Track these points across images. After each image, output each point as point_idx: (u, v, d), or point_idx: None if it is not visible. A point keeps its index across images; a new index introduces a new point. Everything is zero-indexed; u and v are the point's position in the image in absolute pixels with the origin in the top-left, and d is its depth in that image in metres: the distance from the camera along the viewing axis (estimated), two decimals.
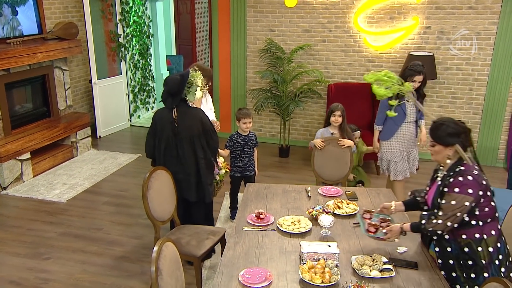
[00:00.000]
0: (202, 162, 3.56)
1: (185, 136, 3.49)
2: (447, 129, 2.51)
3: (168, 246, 2.50)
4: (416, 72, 4.09)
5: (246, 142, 4.29)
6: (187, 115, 3.49)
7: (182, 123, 3.48)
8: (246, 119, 4.22)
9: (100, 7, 6.75)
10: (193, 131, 3.49)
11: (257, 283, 2.42)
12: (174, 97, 3.45)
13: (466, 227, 2.47)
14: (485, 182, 2.46)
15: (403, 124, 4.27)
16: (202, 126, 3.50)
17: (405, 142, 4.35)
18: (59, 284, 3.59)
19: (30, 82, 5.70)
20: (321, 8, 6.16)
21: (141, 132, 7.52)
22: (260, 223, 3.07)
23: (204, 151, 3.55)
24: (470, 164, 2.49)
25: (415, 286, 2.40)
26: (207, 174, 3.61)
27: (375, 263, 2.52)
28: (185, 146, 3.51)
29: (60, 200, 4.98)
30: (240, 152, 4.28)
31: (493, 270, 2.46)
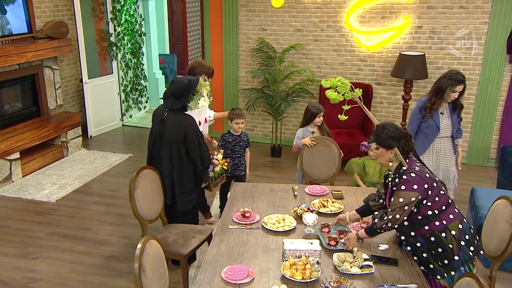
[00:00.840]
0: (176, 169, 3.50)
1: (167, 138, 3.47)
2: (388, 133, 2.68)
3: (152, 244, 2.49)
4: (457, 81, 3.72)
5: (237, 142, 4.28)
6: (174, 120, 3.45)
7: (168, 125, 3.46)
8: (239, 119, 4.21)
9: (91, 6, 6.72)
10: (174, 137, 3.44)
11: (239, 279, 2.42)
12: (176, 99, 3.43)
13: (426, 220, 2.61)
14: (428, 175, 2.63)
15: (436, 139, 3.90)
16: (184, 135, 3.42)
17: (440, 160, 3.95)
18: (46, 283, 3.58)
19: (19, 82, 5.67)
20: (313, 7, 6.16)
21: (133, 132, 7.51)
22: (245, 221, 3.07)
23: (180, 159, 3.47)
24: (406, 166, 2.65)
25: (393, 282, 2.41)
26: (181, 183, 3.51)
27: (355, 260, 2.52)
28: (165, 149, 3.50)
29: (49, 200, 4.96)
30: (231, 152, 4.28)
31: (462, 251, 2.58)
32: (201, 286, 2.40)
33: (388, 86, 6.15)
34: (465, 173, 5.77)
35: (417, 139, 3.91)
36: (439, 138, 3.90)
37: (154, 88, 8.73)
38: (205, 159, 3.53)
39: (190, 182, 3.56)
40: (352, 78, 6.27)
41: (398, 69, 5.54)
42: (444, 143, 3.93)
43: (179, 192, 3.53)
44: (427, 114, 3.84)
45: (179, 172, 3.50)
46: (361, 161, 4.33)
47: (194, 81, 3.50)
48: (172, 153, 3.47)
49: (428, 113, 3.84)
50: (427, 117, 3.84)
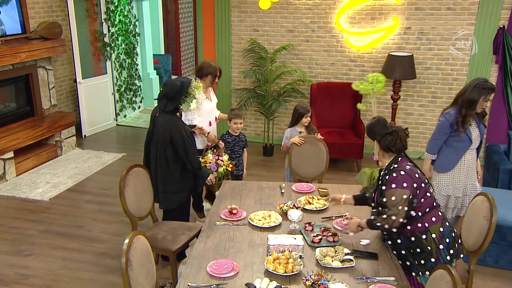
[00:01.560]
0: (161, 169, 3.58)
1: (155, 138, 3.58)
2: (374, 125, 2.86)
3: (139, 239, 2.57)
4: (490, 90, 3.47)
5: (236, 143, 4.36)
6: (162, 121, 3.54)
7: (156, 126, 3.56)
8: (237, 120, 4.29)
9: (85, 7, 6.79)
10: (161, 138, 3.53)
11: (224, 273, 2.50)
12: (169, 101, 3.51)
13: (409, 220, 2.66)
14: (418, 176, 2.68)
15: (467, 152, 3.66)
16: (170, 136, 3.49)
17: (469, 173, 3.71)
18: (39, 279, 3.65)
19: (13, 82, 5.73)
20: (304, 9, 6.25)
21: (127, 131, 7.58)
22: (232, 218, 3.15)
23: (166, 159, 3.54)
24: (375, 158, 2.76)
25: (372, 275, 2.50)
26: (165, 182, 3.59)
27: (337, 254, 2.61)
28: (152, 148, 3.60)
29: (42, 198, 5.03)
30: (231, 152, 4.35)
31: (440, 254, 2.65)
32: (187, 279, 2.48)
33: None
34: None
35: (444, 153, 3.68)
36: (469, 151, 3.66)
37: (148, 88, 8.80)
38: (192, 161, 3.57)
39: (175, 183, 3.61)
40: (342, 78, 6.36)
41: (386, 70, 5.63)
42: (472, 155, 3.69)
43: (162, 191, 3.62)
44: (459, 129, 3.54)
45: (163, 172, 3.58)
46: (369, 172, 4.39)
47: (186, 83, 3.57)
48: (158, 153, 3.56)
49: (460, 127, 3.54)
50: (460, 132, 3.54)
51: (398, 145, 2.74)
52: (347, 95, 6.17)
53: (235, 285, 2.43)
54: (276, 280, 2.42)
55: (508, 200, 3.97)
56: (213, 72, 4.18)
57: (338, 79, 6.40)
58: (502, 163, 4.49)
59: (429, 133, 6.22)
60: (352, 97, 6.15)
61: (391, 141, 2.73)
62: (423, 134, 6.26)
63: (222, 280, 2.46)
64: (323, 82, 6.31)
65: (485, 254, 3.75)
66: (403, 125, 6.22)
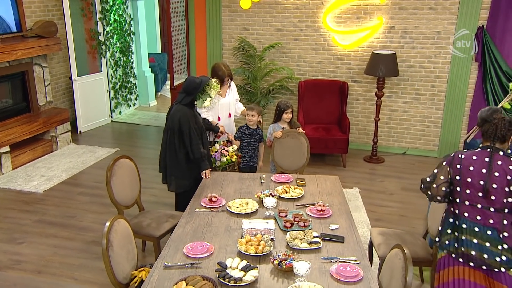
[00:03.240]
0: (169, 153, 3.84)
1: (167, 126, 3.86)
2: (481, 113, 3.25)
3: (120, 222, 2.77)
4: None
5: (253, 136, 4.54)
6: (175, 110, 3.81)
7: (171, 114, 3.84)
8: (249, 112, 4.49)
9: (80, 6, 6.98)
10: (170, 125, 3.80)
11: (199, 254, 2.69)
12: (187, 95, 3.82)
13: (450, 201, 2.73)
14: (459, 167, 2.61)
15: None
16: (179, 125, 3.74)
17: None
18: (30, 265, 3.84)
19: (9, 78, 5.93)
20: (292, 8, 6.44)
21: (122, 128, 7.77)
22: (212, 205, 3.34)
23: (174, 146, 3.79)
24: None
25: (337, 255, 2.69)
26: (172, 167, 3.85)
27: (305, 237, 2.80)
28: (165, 134, 3.88)
29: (37, 190, 5.22)
30: (247, 144, 4.53)
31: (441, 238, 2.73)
32: (164, 259, 2.67)
33: (364, 83, 6.43)
34: (435, 166, 6.06)
35: None
36: None
37: (143, 85, 8.99)
38: (194, 151, 3.79)
39: (181, 169, 3.84)
40: (330, 75, 6.55)
41: (371, 67, 5.82)
42: None
43: (170, 174, 3.88)
44: None
45: (171, 157, 3.83)
46: None
47: (204, 82, 3.86)
48: (168, 140, 3.82)
49: None
50: None
51: (490, 133, 2.62)
52: (333, 92, 6.36)
53: (209, 265, 2.61)
54: (247, 260, 2.61)
55: None
56: (221, 76, 4.43)
57: (325, 76, 6.58)
58: None
59: (413, 129, 6.44)
60: (339, 94, 6.34)
61: (489, 130, 2.63)
62: (407, 130, 6.44)
63: (197, 260, 2.65)
64: (310, 80, 6.50)
65: None
66: (388, 121, 6.46)
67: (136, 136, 7.38)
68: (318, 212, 3.21)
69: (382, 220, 4.61)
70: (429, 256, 3.20)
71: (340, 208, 3.32)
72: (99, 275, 3.66)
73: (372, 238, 3.45)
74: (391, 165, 6.13)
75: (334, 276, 2.49)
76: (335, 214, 3.22)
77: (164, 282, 2.46)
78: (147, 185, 5.16)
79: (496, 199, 2.52)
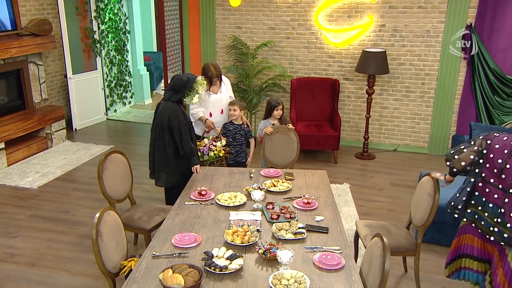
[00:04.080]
0: (158, 150, 3.93)
1: (155, 123, 3.94)
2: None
3: (110, 214, 2.85)
4: None
5: (237, 131, 4.61)
6: (163, 108, 3.90)
7: (159, 111, 3.92)
8: (230, 106, 4.56)
9: (75, 5, 7.05)
10: (159, 122, 3.88)
11: (187, 244, 2.77)
12: (175, 93, 3.90)
13: None
14: (489, 142, 2.80)
15: None
16: (168, 121, 3.82)
17: None
18: (24, 258, 3.92)
19: (4, 76, 6.00)
20: (285, 7, 6.52)
21: (117, 125, 7.84)
22: (201, 198, 3.42)
23: (163, 142, 3.87)
24: None
25: (320, 245, 2.77)
26: (161, 163, 3.95)
27: (291, 228, 2.88)
28: (153, 131, 3.96)
29: (31, 186, 5.29)
30: (232, 139, 4.60)
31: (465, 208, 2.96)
32: (153, 249, 2.75)
33: (355, 81, 6.52)
34: (425, 162, 6.17)
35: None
36: None
37: (139, 84, 9.06)
38: (184, 146, 3.87)
39: (169, 166, 3.93)
40: (322, 73, 6.63)
41: (361, 65, 5.91)
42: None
43: (158, 170, 3.97)
44: None
45: (160, 153, 3.92)
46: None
47: (191, 79, 3.95)
48: (157, 136, 3.91)
49: None
50: None
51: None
52: (325, 90, 6.44)
53: (196, 254, 2.70)
54: (233, 250, 2.70)
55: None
56: (210, 77, 4.52)
57: (317, 74, 6.67)
58: None
59: (404, 126, 6.54)
60: (330, 92, 6.43)
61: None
62: (398, 127, 6.53)
63: (184, 250, 2.73)
64: (302, 77, 6.58)
65: (440, 234, 4.03)
66: (379, 118, 6.55)
67: (131, 134, 7.45)
68: (305, 204, 3.30)
69: (370, 214, 4.70)
70: (413, 245, 3.29)
71: (326, 201, 3.41)
72: (91, 268, 3.74)
73: (358, 230, 3.54)
74: (382, 162, 6.22)
75: (317, 265, 2.58)
76: (321, 207, 3.31)
77: (152, 270, 2.54)
78: (141, 181, 5.24)
79: (505, 178, 2.71)
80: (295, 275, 2.43)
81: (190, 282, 2.34)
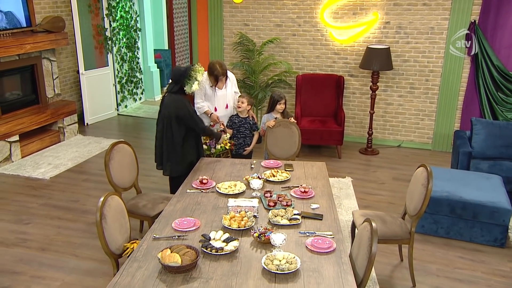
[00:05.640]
0: (165, 141, 4.10)
1: (161, 115, 4.12)
2: None
3: (114, 198, 3.00)
4: None
5: (242, 124, 4.76)
6: (169, 100, 4.08)
7: (165, 102, 4.10)
8: (240, 98, 4.72)
9: (88, 3, 7.26)
10: (167, 114, 4.06)
11: (186, 228, 2.92)
12: (175, 84, 4.10)
13: None
14: None
15: None
16: (176, 113, 4.01)
17: None
18: (35, 243, 4.11)
19: (19, 71, 6.23)
20: (291, 4, 6.63)
21: (128, 120, 8.04)
22: (202, 187, 3.56)
23: (172, 133, 4.04)
24: None
25: (314, 230, 2.89)
26: (171, 153, 4.12)
27: (286, 214, 3.00)
28: (160, 123, 4.13)
29: (44, 177, 5.50)
30: (237, 132, 4.76)
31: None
32: (154, 232, 2.90)
33: (360, 77, 6.60)
34: (429, 158, 6.23)
35: None
36: None
37: (149, 80, 9.26)
38: (204, 129, 4.19)
39: (176, 155, 4.11)
40: (327, 70, 6.73)
41: (365, 62, 5.99)
42: None
43: (166, 160, 4.14)
44: None
45: (168, 144, 4.10)
46: None
47: (188, 68, 4.14)
48: (164, 128, 4.08)
49: None
50: None
51: None
52: (330, 86, 6.54)
53: (194, 237, 2.84)
54: (230, 233, 2.83)
55: (462, 179, 4.32)
56: (216, 75, 4.63)
57: (323, 71, 6.77)
58: (462, 146, 4.83)
59: (408, 122, 6.60)
60: (335, 88, 6.52)
61: None
62: (402, 123, 6.60)
63: (184, 233, 2.88)
64: (307, 74, 6.69)
65: (437, 225, 4.12)
66: (384, 114, 6.63)
67: (141, 129, 7.64)
68: (302, 193, 3.41)
69: (370, 207, 4.79)
70: (407, 234, 3.39)
71: (323, 191, 3.52)
72: (98, 253, 3.90)
73: (354, 219, 3.64)
74: (386, 157, 6.30)
75: (309, 248, 2.70)
76: (317, 196, 3.43)
77: (152, 250, 2.69)
78: (149, 173, 5.41)
79: None
80: (287, 256, 2.56)
81: (187, 261, 2.48)
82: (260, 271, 2.49)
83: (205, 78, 4.73)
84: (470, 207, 3.96)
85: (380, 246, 3.90)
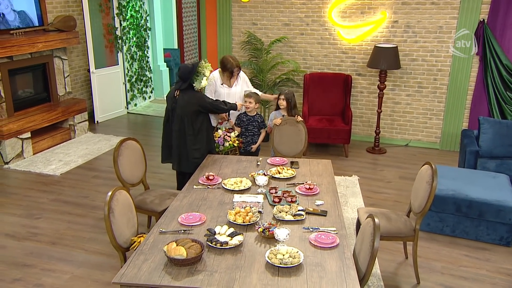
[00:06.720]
0: (188, 138, 4.18)
1: (179, 113, 4.17)
2: None
3: (122, 193, 3.06)
4: None
5: (250, 122, 4.82)
6: (185, 97, 4.15)
7: (179, 102, 4.16)
8: (246, 99, 4.78)
9: (98, 2, 7.36)
10: (185, 112, 4.14)
11: (192, 222, 2.97)
12: (183, 81, 4.16)
13: None
14: None
15: None
16: (197, 107, 4.13)
17: None
18: (46, 237, 4.20)
19: (31, 70, 6.34)
20: (299, 3, 6.66)
21: (137, 118, 8.14)
22: (209, 183, 3.61)
23: (193, 129, 4.14)
24: None
25: (318, 226, 2.92)
26: (191, 150, 4.20)
27: (291, 210, 3.04)
28: (177, 122, 4.19)
29: (55, 173, 5.60)
30: (245, 130, 4.82)
31: None
32: (161, 226, 2.96)
33: (368, 76, 6.61)
34: (436, 157, 6.21)
35: None
36: None
37: (158, 79, 9.35)
38: (224, 109, 4.41)
39: (187, 151, 4.19)
40: (335, 69, 6.75)
41: (373, 61, 6.00)
42: None
43: (191, 157, 4.21)
44: None
45: (191, 141, 4.18)
46: None
47: (195, 64, 4.21)
48: (184, 126, 4.16)
49: None
50: None
51: None
52: (338, 85, 6.56)
53: (200, 231, 2.89)
54: (235, 228, 2.88)
55: (468, 178, 4.32)
56: (230, 68, 4.72)
57: (330, 70, 6.79)
58: (469, 145, 4.82)
59: (416, 121, 6.60)
60: (343, 87, 6.54)
61: None
62: (410, 122, 6.59)
63: (189, 228, 2.93)
64: (315, 73, 6.71)
65: (443, 224, 4.12)
66: (391, 113, 6.63)
67: (150, 127, 7.73)
68: (307, 190, 3.45)
69: (376, 205, 4.81)
70: (412, 232, 3.40)
71: (327, 187, 3.55)
72: (106, 247, 3.98)
73: (359, 217, 3.67)
74: (393, 156, 6.30)
75: (312, 243, 2.73)
76: (322, 192, 3.46)
77: (158, 244, 2.75)
78: (157, 170, 5.49)
79: None
80: (290, 250, 2.59)
81: (192, 254, 2.53)
82: (263, 265, 2.53)
83: (217, 76, 4.80)
84: (476, 205, 3.96)
85: (385, 243, 3.94)
